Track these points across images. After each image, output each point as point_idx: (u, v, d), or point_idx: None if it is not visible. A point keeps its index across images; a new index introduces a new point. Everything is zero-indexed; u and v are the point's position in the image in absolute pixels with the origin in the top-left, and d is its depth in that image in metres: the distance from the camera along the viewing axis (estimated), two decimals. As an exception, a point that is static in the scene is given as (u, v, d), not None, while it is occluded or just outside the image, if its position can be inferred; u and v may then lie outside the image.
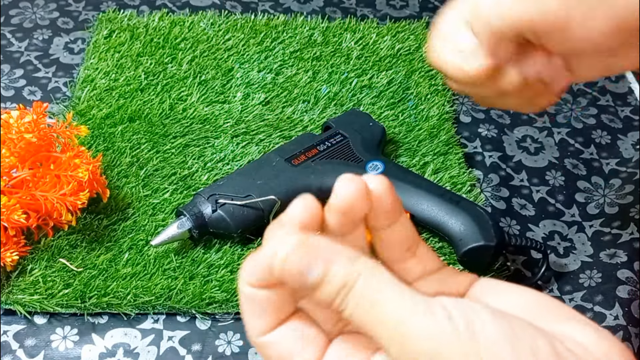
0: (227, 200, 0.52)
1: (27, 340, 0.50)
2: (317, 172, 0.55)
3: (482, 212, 0.53)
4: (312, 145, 0.58)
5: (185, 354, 0.50)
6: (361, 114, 0.62)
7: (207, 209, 0.52)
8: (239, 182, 0.54)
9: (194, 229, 0.52)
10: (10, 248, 0.50)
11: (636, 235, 0.59)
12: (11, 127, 0.51)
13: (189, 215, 0.52)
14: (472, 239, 0.51)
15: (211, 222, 0.52)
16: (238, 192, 0.53)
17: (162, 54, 0.70)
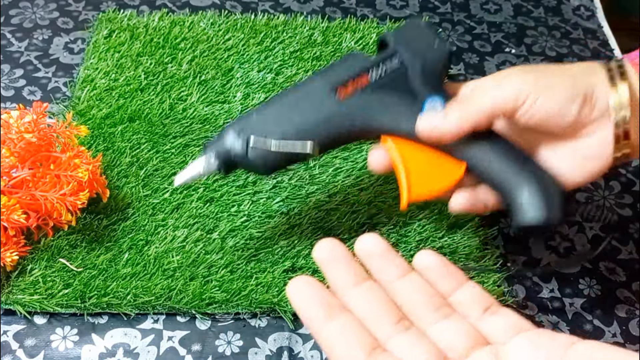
0: (259, 142, 0.46)
1: (27, 340, 0.50)
2: (366, 110, 0.47)
3: (551, 178, 0.45)
4: (364, 69, 0.48)
5: (185, 354, 0.50)
6: (425, 28, 0.50)
7: (237, 148, 0.46)
8: (275, 116, 0.47)
9: (220, 169, 0.47)
10: (10, 248, 0.50)
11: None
12: (11, 127, 0.51)
13: (216, 154, 0.46)
14: (534, 213, 0.44)
15: (240, 163, 0.47)
16: (273, 128, 0.46)
17: (162, 54, 0.70)
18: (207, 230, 0.56)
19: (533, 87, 0.43)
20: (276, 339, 0.51)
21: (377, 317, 0.33)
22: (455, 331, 0.33)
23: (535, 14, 0.84)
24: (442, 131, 0.45)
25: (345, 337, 0.31)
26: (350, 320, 0.32)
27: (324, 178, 0.60)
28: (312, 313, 0.32)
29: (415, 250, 0.56)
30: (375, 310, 0.33)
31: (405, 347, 0.32)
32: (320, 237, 0.55)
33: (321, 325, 0.32)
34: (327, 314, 0.32)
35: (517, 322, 0.34)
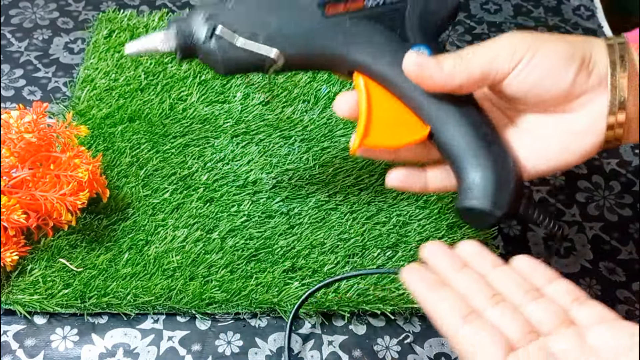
0: (226, 33, 0.42)
1: (27, 340, 0.50)
2: (348, 35, 0.43)
3: (510, 167, 0.43)
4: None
5: (185, 354, 0.50)
6: None
7: (200, 33, 0.42)
8: (252, 12, 0.43)
9: (178, 50, 0.44)
10: (10, 248, 0.50)
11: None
12: (11, 127, 0.51)
13: (177, 32, 0.43)
14: (481, 198, 0.42)
15: (199, 50, 0.43)
16: (245, 25, 0.42)
17: (162, 54, 0.69)
18: (207, 230, 0.56)
19: (530, 45, 0.41)
20: (276, 339, 0.51)
21: (473, 292, 0.37)
22: (544, 310, 0.36)
23: (535, 14, 0.84)
24: (428, 76, 0.42)
25: (445, 303, 0.36)
26: (449, 291, 0.37)
27: (323, 178, 0.60)
28: (417, 287, 0.38)
29: (415, 251, 0.56)
30: (471, 286, 0.37)
31: (498, 317, 0.35)
32: (320, 237, 0.55)
33: (425, 295, 0.37)
34: (429, 287, 0.37)
35: (603, 312, 0.35)
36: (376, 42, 0.43)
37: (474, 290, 0.37)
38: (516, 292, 0.37)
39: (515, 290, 0.37)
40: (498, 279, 0.38)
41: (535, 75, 0.41)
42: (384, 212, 0.58)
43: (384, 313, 0.52)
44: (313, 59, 0.44)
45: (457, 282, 0.38)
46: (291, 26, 0.43)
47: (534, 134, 0.44)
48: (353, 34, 0.43)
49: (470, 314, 0.35)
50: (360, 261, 0.55)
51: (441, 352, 0.51)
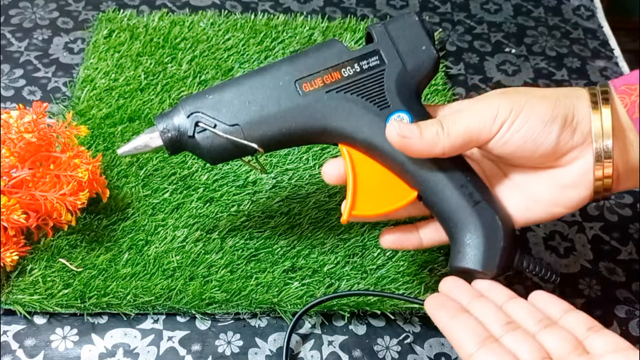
0: (208, 127, 0.43)
1: (27, 340, 0.50)
2: (328, 111, 0.44)
3: (499, 226, 0.43)
4: (337, 65, 0.44)
5: (185, 354, 0.50)
6: (417, 26, 0.45)
7: (185, 128, 0.44)
8: (231, 100, 0.44)
9: (166, 147, 0.45)
10: (10, 248, 0.50)
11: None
12: (11, 127, 0.51)
13: (163, 130, 0.44)
14: (472, 260, 0.43)
15: (186, 144, 0.45)
16: (226, 115, 0.44)
17: (162, 54, 0.70)
18: (207, 230, 0.56)
19: (511, 108, 0.41)
20: (276, 339, 0.51)
21: (489, 319, 0.38)
22: (558, 338, 0.37)
23: (535, 14, 0.84)
24: (411, 144, 0.41)
25: (463, 329, 0.37)
26: (467, 317, 0.38)
27: (324, 178, 0.60)
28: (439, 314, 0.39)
29: (415, 251, 0.56)
30: (487, 313, 0.39)
31: (513, 343, 0.36)
32: (320, 237, 0.55)
33: (445, 322, 0.38)
34: (450, 314, 0.39)
35: (617, 341, 0.36)
36: (356, 113, 0.43)
37: (490, 317, 0.38)
38: (531, 321, 0.38)
39: (530, 320, 0.38)
40: (514, 309, 0.39)
41: (517, 139, 0.41)
42: (384, 212, 0.58)
43: (384, 313, 0.52)
44: (296, 136, 0.44)
45: (475, 310, 0.39)
46: (270, 108, 0.44)
47: (524, 188, 0.44)
48: (332, 107, 0.44)
49: (486, 338, 0.37)
50: (360, 261, 0.55)
51: (441, 352, 0.51)
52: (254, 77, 0.44)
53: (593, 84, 0.75)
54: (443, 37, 0.79)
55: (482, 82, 0.74)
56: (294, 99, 0.44)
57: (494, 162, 0.46)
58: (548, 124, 0.40)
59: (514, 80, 0.74)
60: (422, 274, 0.54)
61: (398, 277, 0.54)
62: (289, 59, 0.45)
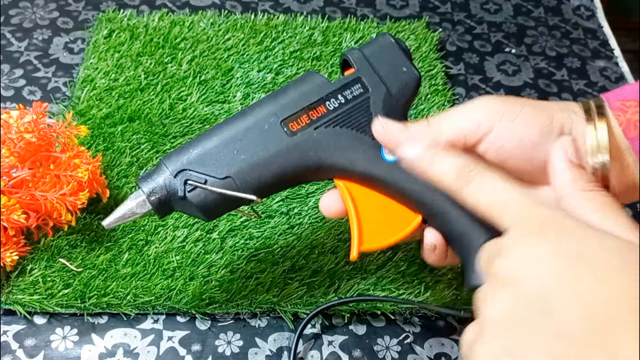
0: (199, 184, 0.41)
1: (27, 340, 0.50)
2: (318, 146, 0.42)
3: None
4: (321, 100, 0.43)
5: (185, 354, 0.50)
6: (394, 48, 0.44)
7: (173, 189, 0.41)
8: (217, 153, 0.42)
9: (154, 211, 0.42)
10: (10, 248, 0.50)
11: None
12: (11, 127, 0.51)
13: (149, 194, 0.41)
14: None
15: (176, 205, 0.42)
16: (215, 169, 0.41)
17: (162, 54, 0.70)
18: (207, 230, 0.56)
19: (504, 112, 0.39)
20: (276, 339, 0.51)
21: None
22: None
23: (535, 14, 0.84)
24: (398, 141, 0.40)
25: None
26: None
27: (324, 178, 0.60)
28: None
29: (415, 251, 0.56)
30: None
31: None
32: (320, 237, 0.55)
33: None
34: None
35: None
36: (348, 145, 0.42)
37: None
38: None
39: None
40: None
41: (513, 144, 0.39)
42: (384, 212, 0.58)
43: (384, 313, 0.52)
44: (291, 177, 0.43)
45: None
46: (260, 154, 0.42)
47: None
48: (323, 143, 0.42)
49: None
50: (360, 261, 0.55)
51: (441, 352, 0.51)
52: (237, 124, 0.42)
53: (593, 84, 0.75)
54: (443, 37, 0.79)
55: (482, 82, 0.74)
56: (282, 140, 0.42)
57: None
58: (544, 135, 0.39)
59: (514, 80, 0.75)
60: (422, 273, 0.54)
61: (398, 277, 0.54)
62: (270, 98, 0.43)
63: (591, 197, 0.34)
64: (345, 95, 0.43)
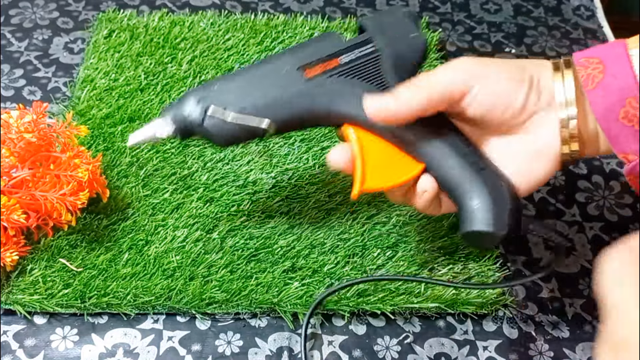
0: (217, 112, 0.45)
1: (27, 340, 0.50)
2: (331, 93, 0.46)
3: (504, 189, 0.45)
4: (335, 53, 0.47)
5: (185, 354, 0.50)
6: (405, 17, 0.49)
7: (194, 116, 0.45)
8: (237, 87, 0.46)
9: (176, 134, 0.46)
10: (10, 248, 0.50)
11: None
12: (11, 127, 0.51)
13: (173, 118, 0.46)
14: (482, 222, 0.44)
15: (196, 131, 0.46)
16: (233, 100, 0.46)
17: (162, 54, 0.70)
18: (207, 230, 0.56)
19: (481, 71, 0.43)
20: (276, 339, 0.51)
21: None
22: None
23: (535, 14, 0.84)
24: (390, 111, 0.43)
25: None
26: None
27: (324, 178, 0.60)
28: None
29: (415, 251, 0.56)
30: None
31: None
32: (320, 237, 0.55)
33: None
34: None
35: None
36: (358, 94, 0.45)
37: None
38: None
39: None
40: None
41: (489, 98, 0.43)
42: (384, 212, 0.58)
43: (384, 313, 0.52)
44: (302, 119, 0.46)
45: None
46: (276, 94, 0.46)
47: (499, 159, 0.46)
48: (335, 91, 0.46)
49: None
50: (360, 261, 0.55)
51: (441, 352, 0.51)
52: (257, 67, 0.47)
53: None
54: (443, 37, 0.79)
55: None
56: (298, 83, 0.46)
57: (469, 132, 0.47)
58: (517, 83, 0.43)
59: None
60: (422, 274, 0.54)
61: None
62: (290, 50, 0.47)
63: None
64: (357, 52, 0.47)
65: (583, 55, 0.44)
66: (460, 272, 0.55)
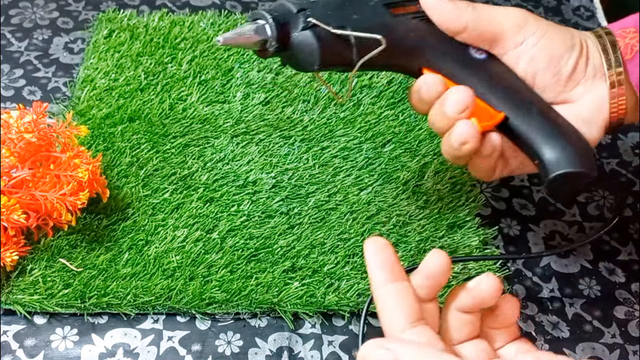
0: (321, 23, 0.41)
1: (27, 340, 0.50)
2: (417, 31, 0.45)
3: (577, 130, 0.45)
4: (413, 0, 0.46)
5: (185, 354, 0.50)
6: None
7: (295, 24, 0.42)
8: (336, 8, 0.43)
9: (273, 40, 0.42)
10: (10, 248, 0.50)
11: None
12: (11, 127, 0.51)
13: (271, 22, 0.41)
14: (572, 163, 0.42)
15: (295, 42, 0.42)
16: (331, 18, 0.42)
17: (162, 54, 0.70)
18: (207, 230, 0.56)
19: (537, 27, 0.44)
20: (276, 339, 0.51)
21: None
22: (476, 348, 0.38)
23: (535, 14, 0.84)
24: (443, 8, 0.44)
25: (398, 300, 0.36)
26: (407, 287, 0.36)
27: (323, 178, 0.60)
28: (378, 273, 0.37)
29: (415, 251, 0.56)
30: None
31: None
32: (320, 237, 0.55)
33: (381, 285, 0.36)
34: (390, 276, 0.36)
35: (526, 347, 0.38)
36: (440, 38, 0.45)
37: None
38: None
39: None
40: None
41: (543, 56, 0.44)
42: (384, 212, 0.58)
43: (384, 313, 0.52)
44: (392, 54, 0.44)
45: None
46: (370, 21, 0.43)
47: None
48: (419, 30, 0.45)
49: (419, 320, 0.35)
50: (360, 261, 0.55)
51: (441, 352, 0.51)
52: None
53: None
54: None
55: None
56: (387, 16, 0.44)
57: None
58: (569, 49, 0.44)
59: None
60: (422, 274, 0.54)
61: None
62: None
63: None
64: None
65: (619, 26, 0.45)
66: (460, 272, 0.55)
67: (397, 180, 0.61)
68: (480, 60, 0.45)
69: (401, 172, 0.61)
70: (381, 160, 0.62)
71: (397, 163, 0.62)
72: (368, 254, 0.37)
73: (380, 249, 0.37)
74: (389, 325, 0.35)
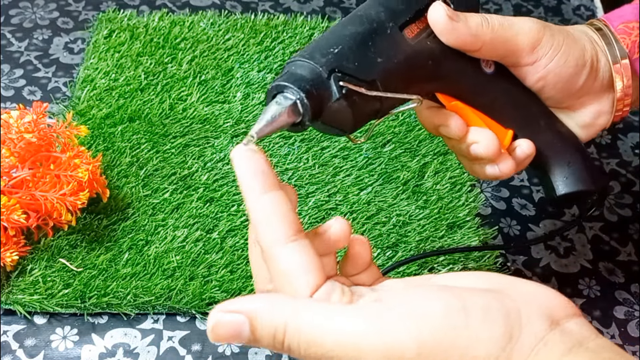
0: (354, 86, 0.36)
1: (27, 340, 0.50)
2: (434, 56, 0.40)
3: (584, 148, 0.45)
4: (422, 9, 0.40)
5: (185, 354, 0.50)
6: None
7: (328, 92, 0.35)
8: (359, 54, 0.37)
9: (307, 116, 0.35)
10: (10, 248, 0.50)
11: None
12: (11, 127, 0.51)
13: (303, 97, 0.35)
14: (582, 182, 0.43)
15: (328, 113, 0.36)
16: (360, 70, 0.36)
17: (162, 54, 0.70)
18: (207, 230, 0.56)
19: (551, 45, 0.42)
20: (276, 339, 0.51)
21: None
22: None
23: (535, 14, 0.84)
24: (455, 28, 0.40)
25: (278, 209, 0.32)
26: (284, 196, 0.32)
27: (323, 178, 0.60)
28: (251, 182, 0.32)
29: (416, 251, 0.56)
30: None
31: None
32: (320, 237, 0.55)
33: (257, 196, 0.32)
34: (264, 186, 0.32)
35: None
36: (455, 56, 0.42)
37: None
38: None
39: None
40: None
41: (554, 76, 0.43)
42: (384, 212, 0.58)
43: (383, 313, 0.52)
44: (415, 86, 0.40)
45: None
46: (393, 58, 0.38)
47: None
48: (436, 52, 0.41)
49: (299, 232, 0.32)
50: (360, 261, 0.55)
51: (441, 352, 0.51)
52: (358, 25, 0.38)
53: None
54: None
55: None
56: (406, 46, 0.39)
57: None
58: (580, 68, 0.43)
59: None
60: (421, 274, 0.54)
61: (398, 277, 0.54)
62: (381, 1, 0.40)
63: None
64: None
65: (619, 20, 0.44)
66: (460, 272, 0.55)
67: (397, 180, 0.61)
68: (490, 75, 0.44)
69: (401, 172, 0.61)
70: (381, 160, 0.62)
71: (397, 163, 0.62)
72: (237, 163, 0.32)
73: (251, 157, 0.32)
74: (269, 236, 0.31)
